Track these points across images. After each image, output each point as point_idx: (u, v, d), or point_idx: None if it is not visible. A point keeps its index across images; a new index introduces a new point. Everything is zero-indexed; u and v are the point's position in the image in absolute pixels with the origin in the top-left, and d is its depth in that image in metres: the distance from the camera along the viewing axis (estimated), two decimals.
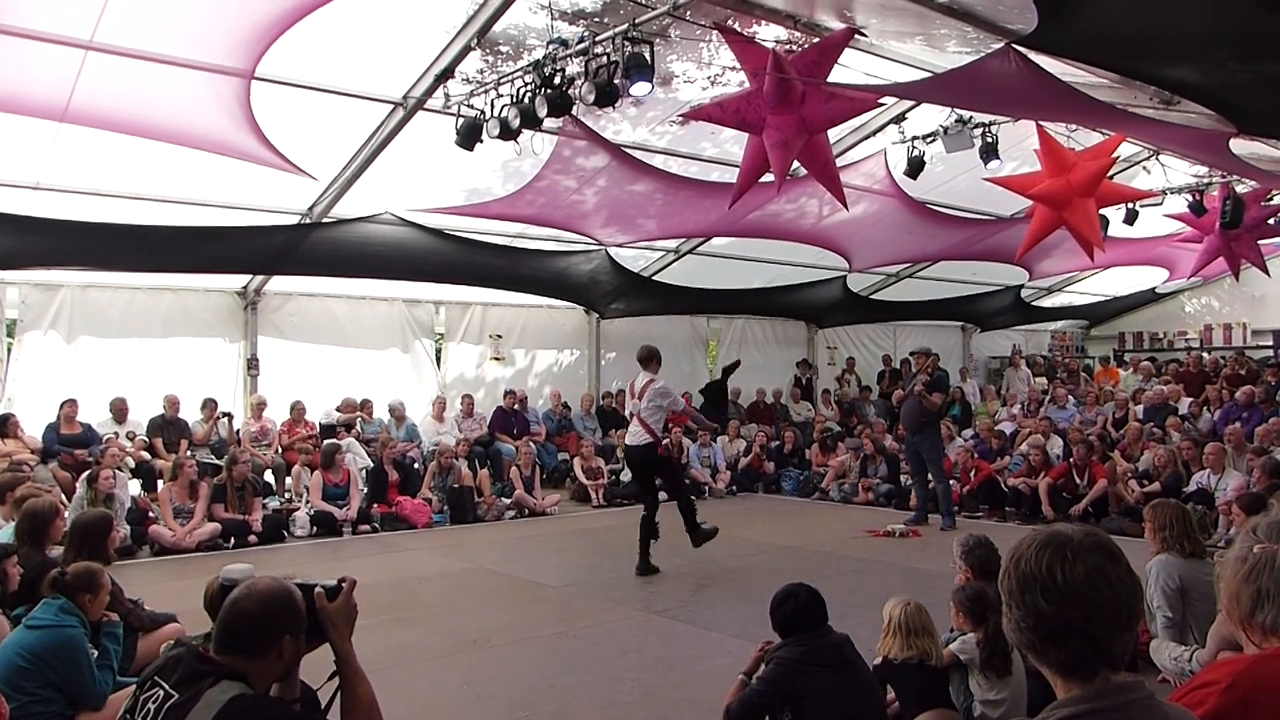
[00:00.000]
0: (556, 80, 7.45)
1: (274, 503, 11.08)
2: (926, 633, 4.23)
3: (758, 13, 7.68)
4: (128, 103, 7.66)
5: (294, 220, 10.58)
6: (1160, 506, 5.42)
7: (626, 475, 13.23)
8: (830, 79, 6.96)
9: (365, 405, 12.89)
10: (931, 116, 10.41)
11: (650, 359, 8.85)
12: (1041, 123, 9.16)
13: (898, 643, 4.22)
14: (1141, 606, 1.73)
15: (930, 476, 11.10)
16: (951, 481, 11.64)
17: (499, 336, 14.91)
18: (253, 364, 12.55)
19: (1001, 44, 6.66)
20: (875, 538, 10.33)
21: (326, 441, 11.61)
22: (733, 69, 8.44)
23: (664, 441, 8.75)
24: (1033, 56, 6.57)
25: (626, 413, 9.10)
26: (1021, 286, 18.56)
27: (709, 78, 9.21)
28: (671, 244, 13.65)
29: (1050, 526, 1.81)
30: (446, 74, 8.25)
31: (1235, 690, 1.89)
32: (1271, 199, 12.24)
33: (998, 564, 4.56)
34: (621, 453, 12.65)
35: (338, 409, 12.71)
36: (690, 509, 8.67)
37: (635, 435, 8.70)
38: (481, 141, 8.25)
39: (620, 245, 12.76)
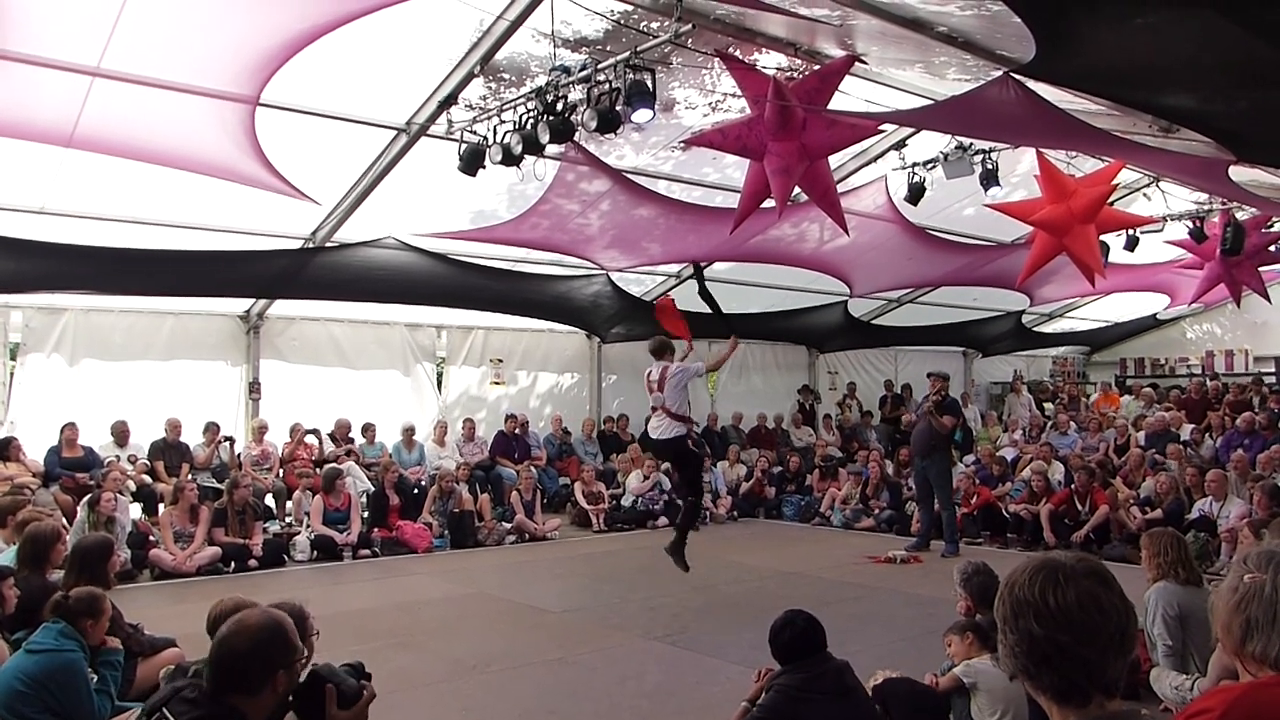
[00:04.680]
0: (559, 107, 7.50)
1: (274, 527, 11.05)
2: None
3: (759, 40, 7.76)
4: (133, 128, 7.71)
5: (297, 245, 10.62)
6: (1155, 534, 5.46)
7: (627, 500, 13.24)
8: (831, 106, 7.02)
9: (368, 430, 12.91)
10: (932, 143, 10.46)
11: (664, 350, 8.53)
12: (1041, 149, 9.21)
13: None
14: (1134, 632, 1.73)
15: (937, 501, 11.03)
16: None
17: (499, 361, 14.92)
18: (254, 388, 12.56)
19: (1000, 72, 6.72)
20: (876, 564, 10.29)
21: (327, 466, 11.59)
22: (734, 96, 8.49)
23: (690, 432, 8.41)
24: (1031, 85, 6.62)
25: (650, 406, 8.68)
26: (1023, 312, 18.55)
27: (710, 104, 9.26)
28: (673, 268, 13.70)
29: (1045, 553, 1.83)
30: (450, 100, 8.32)
31: (1229, 718, 1.89)
32: (1272, 225, 12.28)
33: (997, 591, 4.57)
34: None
35: (329, 434, 12.72)
36: (691, 518, 8.59)
37: (660, 429, 8.38)
38: (484, 167, 8.29)
39: (622, 269, 12.81)
